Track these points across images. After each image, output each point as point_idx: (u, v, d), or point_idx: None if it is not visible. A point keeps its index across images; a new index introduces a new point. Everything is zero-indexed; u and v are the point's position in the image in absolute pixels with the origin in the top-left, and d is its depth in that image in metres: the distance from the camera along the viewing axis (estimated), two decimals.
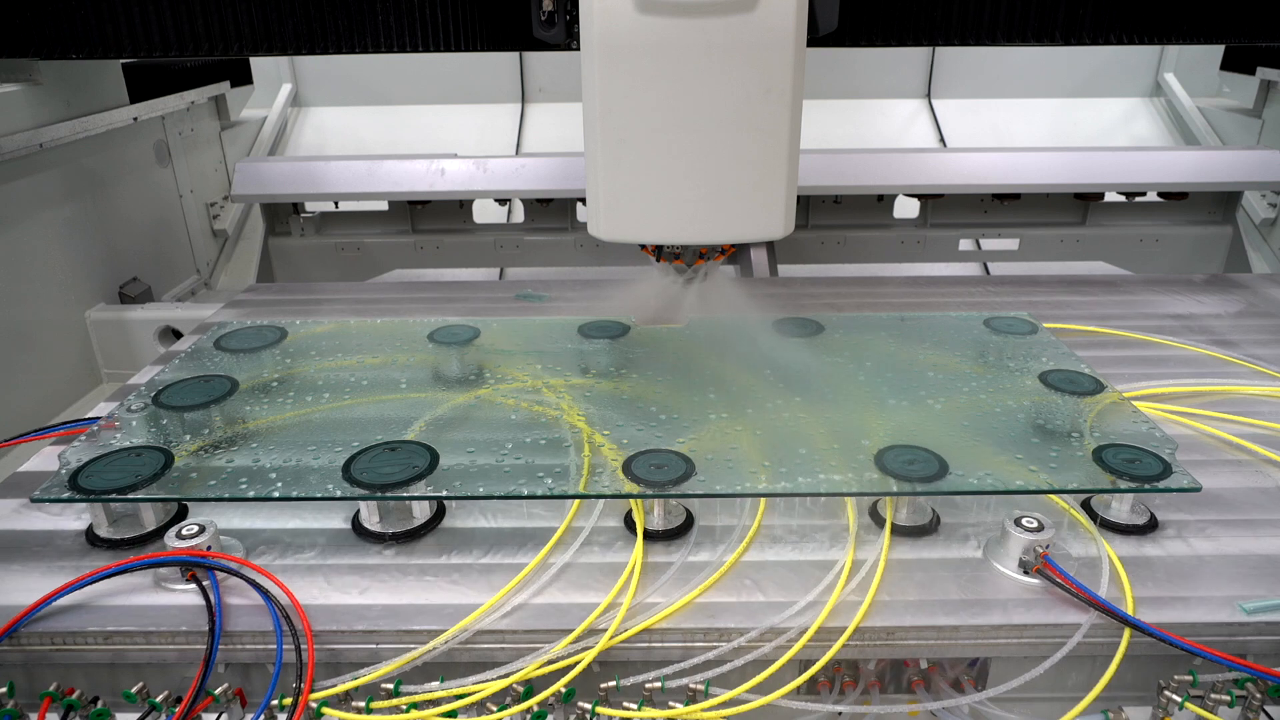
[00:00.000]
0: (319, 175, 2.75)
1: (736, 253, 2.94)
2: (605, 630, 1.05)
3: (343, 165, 2.76)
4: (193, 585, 1.10)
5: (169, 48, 1.95)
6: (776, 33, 1.32)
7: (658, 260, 1.65)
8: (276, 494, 1.21)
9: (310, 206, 2.98)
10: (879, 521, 1.24)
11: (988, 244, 3.01)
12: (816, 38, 1.64)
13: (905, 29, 1.96)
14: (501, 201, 2.91)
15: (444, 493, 1.23)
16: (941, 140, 3.61)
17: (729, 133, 1.38)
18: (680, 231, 1.47)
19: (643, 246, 1.64)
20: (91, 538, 1.23)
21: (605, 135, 1.40)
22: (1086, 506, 1.27)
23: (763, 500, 1.27)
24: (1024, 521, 1.14)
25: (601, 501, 1.27)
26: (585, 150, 1.45)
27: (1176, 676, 1.04)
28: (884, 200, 2.96)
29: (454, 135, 3.65)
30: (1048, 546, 1.12)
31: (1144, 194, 2.82)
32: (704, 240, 1.52)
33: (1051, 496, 1.27)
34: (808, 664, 1.06)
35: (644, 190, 1.43)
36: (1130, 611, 1.07)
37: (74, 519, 1.28)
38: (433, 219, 2.99)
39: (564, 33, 1.68)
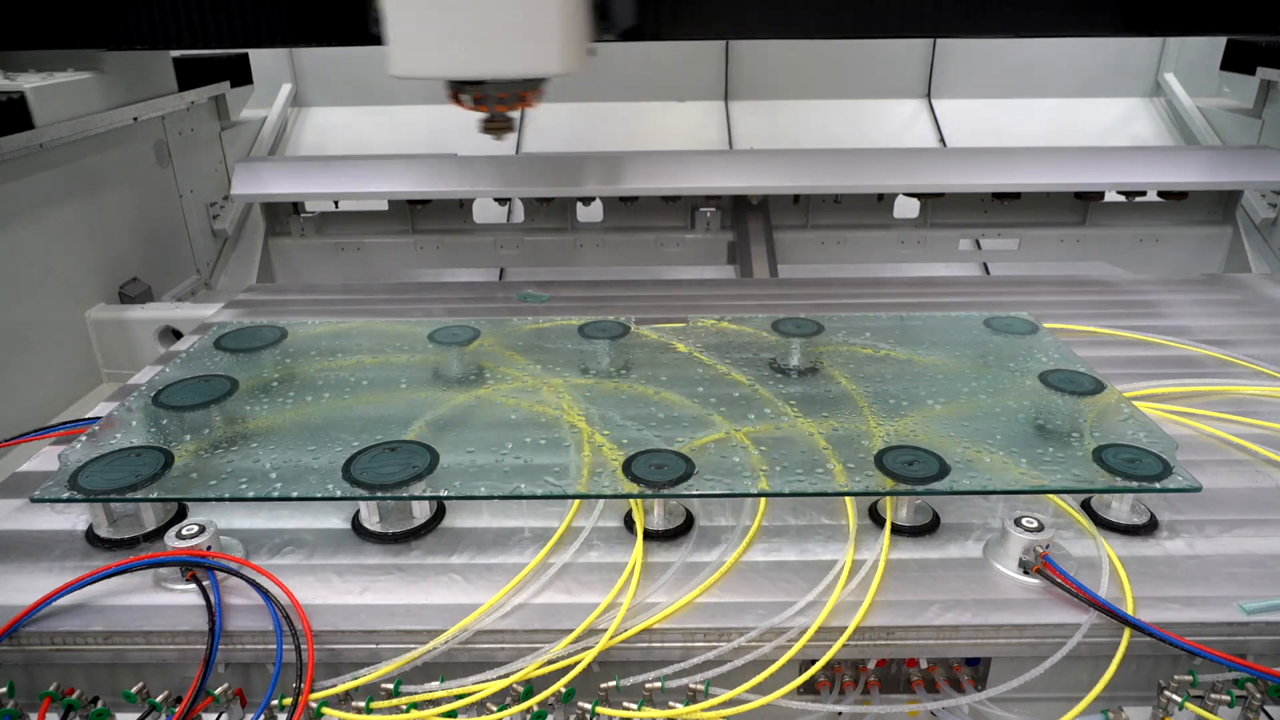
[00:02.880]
0: (319, 175, 2.75)
1: (735, 253, 2.95)
2: (605, 630, 1.05)
3: (343, 165, 2.76)
4: (193, 585, 1.10)
5: (218, 40, 2.13)
6: None
7: (459, 103, 1.65)
8: (276, 494, 1.21)
9: (310, 206, 2.98)
10: (879, 521, 1.24)
11: (988, 244, 3.01)
12: (615, 32, 1.70)
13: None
14: (501, 201, 2.92)
15: (444, 493, 1.22)
16: (941, 140, 3.61)
17: None
18: (460, 65, 1.48)
19: (450, 94, 1.64)
20: (91, 538, 1.23)
21: None
22: (1086, 506, 1.27)
23: (763, 500, 1.27)
24: (1024, 521, 1.14)
25: (601, 501, 1.27)
26: None
27: (1176, 676, 1.04)
28: (884, 200, 2.96)
29: (454, 135, 3.65)
30: (1048, 546, 1.12)
31: (1144, 194, 2.83)
32: (478, 73, 1.51)
33: (1051, 496, 1.27)
34: (808, 664, 1.06)
35: (428, 23, 1.43)
36: (1130, 611, 1.07)
37: (74, 519, 1.28)
38: (433, 219, 2.99)
39: None
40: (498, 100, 1.62)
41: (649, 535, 1.21)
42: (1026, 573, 1.12)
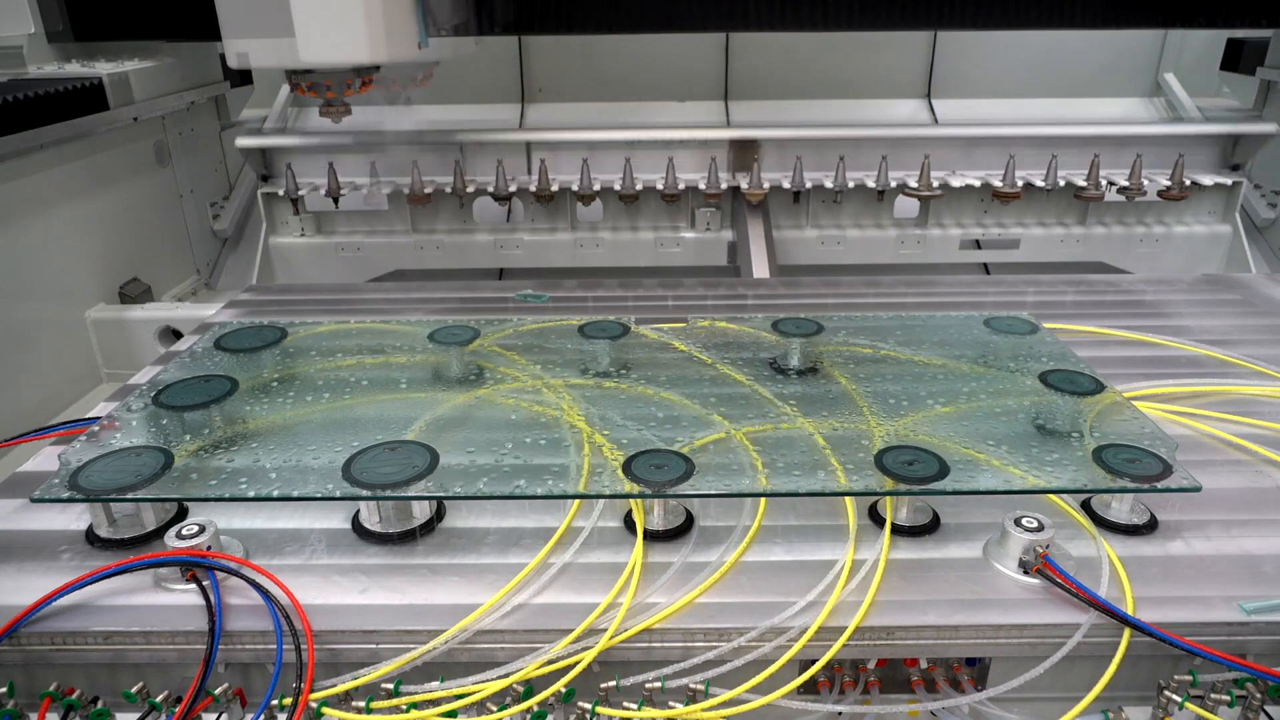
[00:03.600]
0: (318, 148, 2.84)
1: (735, 253, 2.95)
2: (605, 630, 1.05)
3: (342, 151, 2.80)
4: (193, 585, 1.10)
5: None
6: None
7: (300, 90, 1.82)
8: (276, 494, 1.21)
9: (310, 206, 2.98)
10: (879, 521, 1.24)
11: (988, 243, 3.01)
12: (445, 29, 1.86)
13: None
14: (501, 201, 2.92)
15: (444, 492, 1.23)
16: None
17: None
18: (283, 56, 1.63)
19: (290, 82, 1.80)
20: (91, 538, 1.23)
21: None
22: (1086, 506, 1.27)
23: (763, 500, 1.27)
24: (1024, 521, 1.14)
25: (601, 501, 1.27)
26: None
27: (1176, 676, 1.04)
28: (884, 199, 2.96)
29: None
30: (1048, 546, 1.12)
31: (1144, 193, 2.82)
32: (298, 63, 1.66)
33: (1051, 496, 1.27)
34: (808, 664, 1.06)
35: (253, 20, 1.58)
36: (1130, 611, 1.06)
37: (74, 519, 1.28)
38: (433, 219, 2.99)
39: None
40: (327, 87, 1.79)
41: (649, 535, 1.21)
42: (1026, 573, 1.12)
